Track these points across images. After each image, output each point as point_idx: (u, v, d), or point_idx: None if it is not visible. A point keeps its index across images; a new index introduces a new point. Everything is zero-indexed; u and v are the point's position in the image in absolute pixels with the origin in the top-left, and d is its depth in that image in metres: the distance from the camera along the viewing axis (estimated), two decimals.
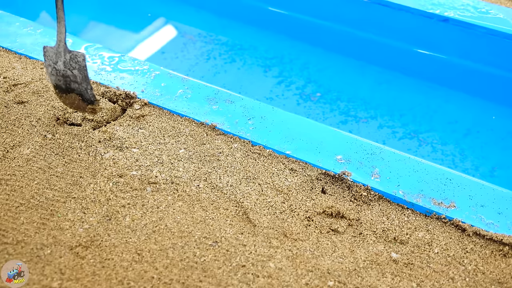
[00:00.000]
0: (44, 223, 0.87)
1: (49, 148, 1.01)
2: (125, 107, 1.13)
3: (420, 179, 0.97)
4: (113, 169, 0.97)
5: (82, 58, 0.97)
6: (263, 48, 1.80)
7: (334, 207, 0.91)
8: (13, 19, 1.38)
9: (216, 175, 0.97)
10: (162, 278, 0.80)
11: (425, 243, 0.87)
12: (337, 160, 1.00)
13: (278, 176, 0.97)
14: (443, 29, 1.57)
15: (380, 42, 1.73)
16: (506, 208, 0.92)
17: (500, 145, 1.44)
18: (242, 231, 0.88)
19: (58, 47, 0.98)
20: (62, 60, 0.99)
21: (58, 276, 0.79)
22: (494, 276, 0.83)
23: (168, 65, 1.71)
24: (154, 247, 0.84)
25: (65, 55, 0.98)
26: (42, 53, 1.01)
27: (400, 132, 1.47)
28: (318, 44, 1.81)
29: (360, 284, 0.81)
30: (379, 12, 1.66)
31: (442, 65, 1.66)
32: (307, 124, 1.08)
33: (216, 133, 1.06)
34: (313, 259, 0.84)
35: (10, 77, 1.17)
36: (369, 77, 1.68)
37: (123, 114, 1.12)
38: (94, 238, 0.85)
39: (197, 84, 1.18)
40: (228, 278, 0.80)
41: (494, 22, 1.51)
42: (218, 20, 1.95)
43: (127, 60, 1.25)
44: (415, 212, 0.93)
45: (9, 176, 0.95)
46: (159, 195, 0.93)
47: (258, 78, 1.66)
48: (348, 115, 1.52)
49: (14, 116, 1.08)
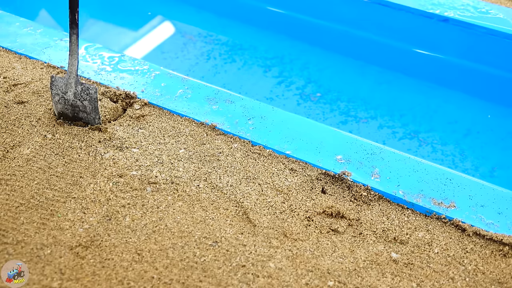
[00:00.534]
0: (44, 223, 0.87)
1: (49, 148, 1.01)
2: (125, 107, 1.13)
3: (420, 179, 0.97)
4: (113, 169, 0.97)
5: (94, 91, 1.01)
6: (263, 48, 1.80)
7: (334, 207, 0.91)
8: (13, 19, 1.38)
9: (216, 175, 0.97)
10: (162, 278, 0.80)
11: (425, 243, 0.87)
12: (337, 160, 1.00)
13: (278, 176, 0.97)
14: (443, 29, 1.57)
15: (380, 42, 1.73)
16: (506, 208, 0.92)
17: (500, 145, 1.44)
18: (242, 231, 0.88)
19: (69, 78, 1.01)
20: (73, 91, 1.02)
21: (58, 276, 0.79)
22: (494, 276, 0.83)
23: (168, 65, 1.71)
24: (154, 247, 0.84)
25: (76, 86, 1.02)
26: (50, 81, 1.05)
27: (400, 132, 1.47)
28: (318, 44, 1.81)
29: (360, 284, 0.81)
30: (379, 12, 1.66)
31: (442, 65, 1.66)
32: (307, 124, 1.08)
33: (216, 133, 1.06)
34: (313, 259, 0.84)
35: (10, 77, 1.17)
36: (369, 77, 1.68)
37: (123, 114, 1.12)
38: (94, 238, 0.85)
39: (197, 84, 1.18)
40: (228, 278, 0.80)
41: (494, 22, 1.51)
42: (218, 20, 1.95)
43: (127, 60, 1.25)
44: (415, 212, 0.93)
45: (9, 176, 0.95)
46: (159, 195, 0.93)
47: (258, 78, 1.66)
48: (348, 115, 1.52)
49: (14, 116, 1.08)
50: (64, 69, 1.21)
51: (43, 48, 1.28)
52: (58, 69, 1.21)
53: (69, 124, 1.07)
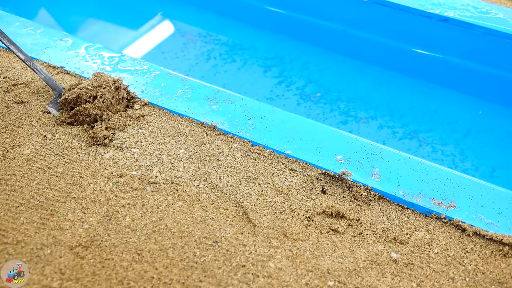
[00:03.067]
0: (44, 223, 0.87)
1: (49, 148, 1.01)
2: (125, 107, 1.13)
3: (420, 179, 0.97)
4: (113, 169, 0.97)
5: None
6: (263, 48, 1.80)
7: (334, 207, 0.91)
8: (13, 19, 1.38)
9: (216, 175, 0.97)
10: (162, 278, 0.80)
11: (425, 243, 0.87)
12: (337, 160, 1.00)
13: (278, 176, 0.97)
14: (443, 29, 1.57)
15: (380, 42, 1.73)
16: (506, 208, 0.92)
17: (500, 146, 1.44)
18: (242, 231, 0.88)
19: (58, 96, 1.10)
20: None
21: (58, 276, 0.79)
22: (494, 276, 0.83)
23: (168, 65, 1.71)
24: (154, 247, 0.84)
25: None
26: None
27: (400, 132, 1.47)
28: (318, 44, 1.81)
29: (360, 284, 0.81)
30: (379, 12, 1.66)
31: (442, 65, 1.66)
32: (307, 124, 1.08)
33: (216, 133, 1.06)
34: (313, 259, 0.84)
35: (10, 77, 1.17)
36: (369, 77, 1.68)
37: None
38: (94, 238, 0.85)
39: (197, 84, 1.18)
40: (228, 278, 0.80)
41: (494, 22, 1.51)
42: (218, 20, 1.95)
43: (127, 60, 1.25)
44: (415, 212, 0.93)
45: (9, 176, 0.95)
46: (159, 195, 0.93)
47: (258, 78, 1.66)
48: (348, 115, 1.52)
49: (14, 116, 1.08)
50: (65, 69, 1.21)
51: (43, 48, 1.28)
52: (58, 69, 1.21)
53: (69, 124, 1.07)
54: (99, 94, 1.04)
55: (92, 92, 1.04)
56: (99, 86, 1.05)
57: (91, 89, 1.04)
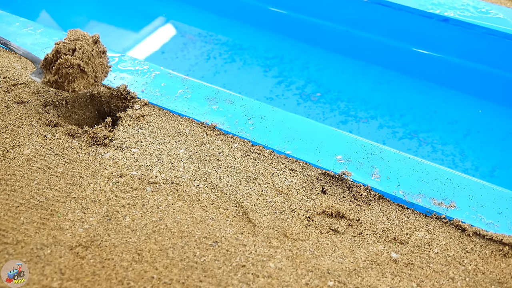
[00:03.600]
0: (44, 223, 0.87)
1: (49, 148, 1.01)
2: (125, 107, 1.13)
3: (420, 179, 0.97)
4: (113, 169, 0.97)
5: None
6: (263, 48, 1.80)
7: (334, 207, 0.91)
8: (13, 19, 1.38)
9: (216, 175, 0.97)
10: (162, 278, 0.80)
11: (425, 243, 0.87)
12: (337, 160, 1.00)
13: (278, 176, 0.97)
14: (443, 29, 1.57)
15: (380, 42, 1.73)
16: (506, 208, 0.92)
17: (500, 145, 1.44)
18: (242, 231, 0.88)
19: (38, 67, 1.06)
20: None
21: (58, 276, 0.79)
22: (494, 276, 0.83)
23: (168, 65, 1.71)
24: (154, 247, 0.84)
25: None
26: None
27: (400, 132, 1.47)
28: (318, 44, 1.81)
29: (360, 284, 0.81)
30: (379, 12, 1.66)
31: (442, 65, 1.66)
32: (307, 124, 1.08)
33: (216, 133, 1.06)
34: (313, 259, 0.84)
35: (10, 77, 1.17)
36: (369, 77, 1.68)
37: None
38: (94, 238, 0.85)
39: (197, 84, 1.18)
40: (228, 278, 0.80)
41: (494, 22, 1.51)
42: (218, 20, 1.95)
43: (127, 60, 1.25)
44: (415, 212, 0.93)
45: (9, 176, 0.95)
46: (159, 195, 0.93)
47: (258, 78, 1.66)
48: (348, 115, 1.52)
49: (14, 116, 1.08)
50: None
51: (43, 48, 1.28)
52: None
53: (69, 124, 1.07)
54: (77, 46, 1.00)
55: (70, 45, 1.01)
56: (76, 39, 1.01)
57: (68, 42, 1.01)
